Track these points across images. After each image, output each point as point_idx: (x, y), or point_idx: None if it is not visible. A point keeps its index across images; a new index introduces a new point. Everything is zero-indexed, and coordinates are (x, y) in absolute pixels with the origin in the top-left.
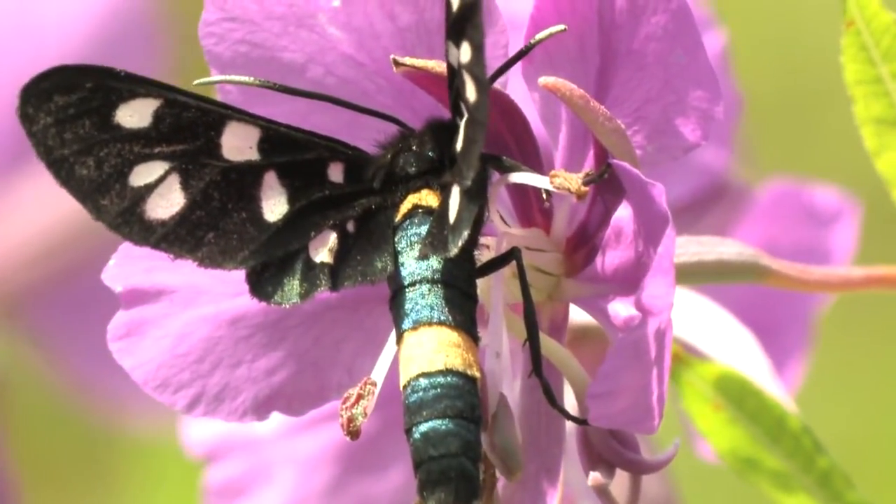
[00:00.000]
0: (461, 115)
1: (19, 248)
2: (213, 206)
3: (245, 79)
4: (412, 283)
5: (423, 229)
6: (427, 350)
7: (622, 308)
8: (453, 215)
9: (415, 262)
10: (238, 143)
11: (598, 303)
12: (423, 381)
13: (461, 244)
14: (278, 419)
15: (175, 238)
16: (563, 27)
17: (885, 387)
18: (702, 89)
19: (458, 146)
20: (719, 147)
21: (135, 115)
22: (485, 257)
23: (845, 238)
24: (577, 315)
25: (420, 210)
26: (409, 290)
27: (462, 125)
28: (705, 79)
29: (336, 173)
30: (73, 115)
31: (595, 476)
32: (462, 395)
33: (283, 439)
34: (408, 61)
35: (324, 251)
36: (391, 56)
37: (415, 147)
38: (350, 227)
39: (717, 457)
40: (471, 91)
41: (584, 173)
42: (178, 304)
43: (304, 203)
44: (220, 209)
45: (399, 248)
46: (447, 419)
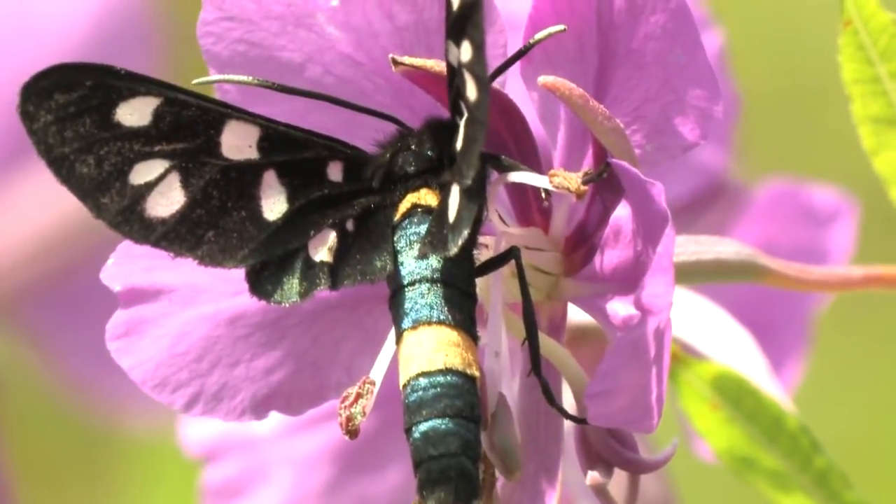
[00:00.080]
0: (461, 115)
1: (17, 246)
2: (212, 204)
3: (243, 78)
4: (412, 283)
5: (423, 228)
6: (427, 349)
7: (621, 307)
8: (453, 214)
9: (414, 262)
10: (238, 142)
11: (597, 302)
12: (423, 381)
13: (461, 243)
14: (276, 419)
15: (175, 236)
16: (562, 27)
17: (882, 386)
18: (701, 88)
19: (459, 145)
20: (718, 146)
21: (135, 113)
22: (484, 257)
23: (843, 237)
24: (576, 314)
25: (419, 209)
26: (409, 289)
27: (462, 124)
28: (704, 78)
29: (335, 172)
30: (73, 113)
31: (593, 475)
32: (461, 395)
33: (281, 439)
34: (406, 60)
35: (323, 250)
36: (390, 55)
37: (413, 146)
38: (349, 226)
39: (715, 456)
40: (471, 90)
41: (584, 172)
42: (177, 304)
43: (303, 202)
44: (219, 207)
45: (398, 248)
46: (447, 418)
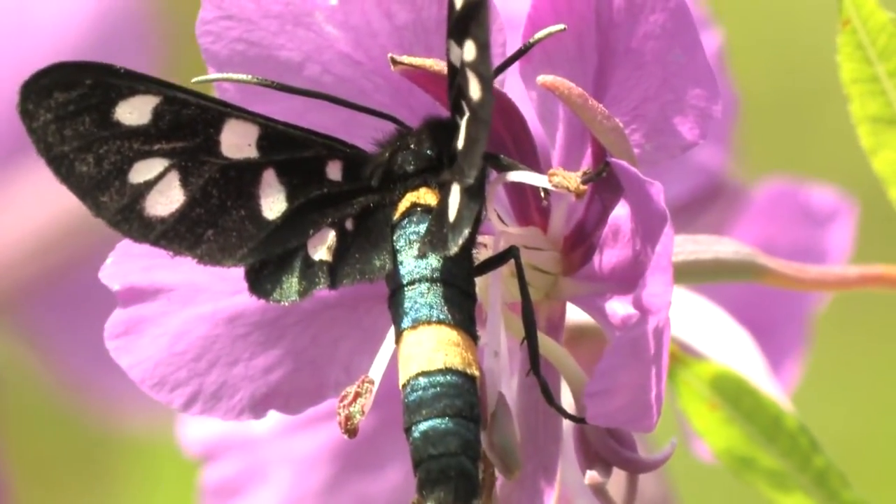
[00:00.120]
0: (462, 114)
1: (16, 244)
2: (212, 203)
3: (242, 77)
4: (411, 282)
5: (422, 228)
6: (426, 349)
7: (620, 307)
8: (453, 214)
9: (414, 261)
10: (237, 141)
11: (596, 301)
12: (423, 380)
13: (461, 242)
14: (275, 418)
15: (174, 235)
16: (561, 26)
17: (881, 386)
18: (700, 88)
19: (461, 145)
20: (716, 146)
21: (134, 111)
22: (482, 256)
23: (842, 237)
24: (575, 314)
25: (418, 208)
26: (408, 288)
27: (464, 123)
28: (703, 77)
29: (334, 171)
30: (72, 111)
31: (592, 475)
32: (461, 394)
33: (279, 438)
34: (405, 60)
35: (322, 249)
36: (389, 55)
37: (413, 145)
38: (349, 225)
39: (714, 456)
40: (475, 89)
41: (583, 172)
42: (176, 303)
43: (302, 201)
44: (219, 206)
45: (398, 247)
46: (446, 418)
